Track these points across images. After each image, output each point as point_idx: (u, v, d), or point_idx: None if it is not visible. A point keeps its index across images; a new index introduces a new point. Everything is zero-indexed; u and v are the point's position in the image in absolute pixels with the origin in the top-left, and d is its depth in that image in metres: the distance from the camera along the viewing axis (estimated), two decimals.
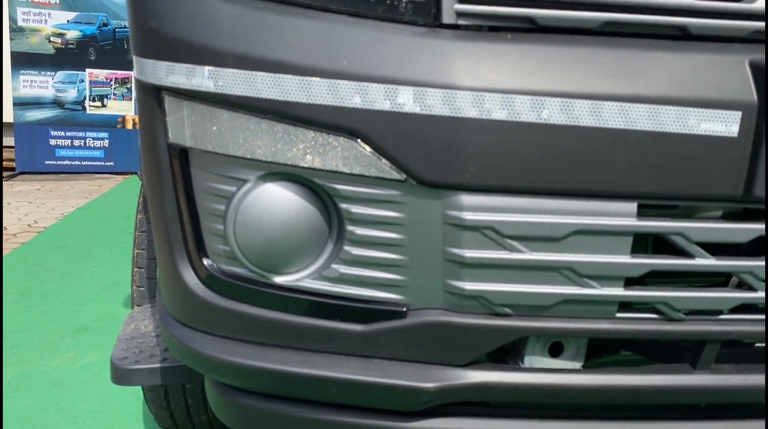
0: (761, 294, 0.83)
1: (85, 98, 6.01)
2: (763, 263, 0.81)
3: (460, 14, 0.78)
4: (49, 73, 6.00)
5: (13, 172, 5.88)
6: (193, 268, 0.89)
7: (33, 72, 5.98)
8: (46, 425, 1.76)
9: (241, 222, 0.83)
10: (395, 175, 0.77)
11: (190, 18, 0.80)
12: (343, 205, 0.81)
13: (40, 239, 3.75)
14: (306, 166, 0.79)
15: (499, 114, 0.75)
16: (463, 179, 0.76)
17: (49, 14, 5.94)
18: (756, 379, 0.89)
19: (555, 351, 0.88)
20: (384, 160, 0.77)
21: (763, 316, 0.86)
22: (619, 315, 0.83)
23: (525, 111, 0.75)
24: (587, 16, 0.77)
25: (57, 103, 5.94)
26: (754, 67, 0.76)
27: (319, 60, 0.76)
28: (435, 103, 0.75)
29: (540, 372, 0.86)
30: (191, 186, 0.87)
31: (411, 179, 0.77)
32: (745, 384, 0.88)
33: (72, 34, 5.96)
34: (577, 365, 0.89)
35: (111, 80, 6.05)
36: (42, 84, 6.00)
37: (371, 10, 0.79)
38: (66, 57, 5.95)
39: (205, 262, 0.88)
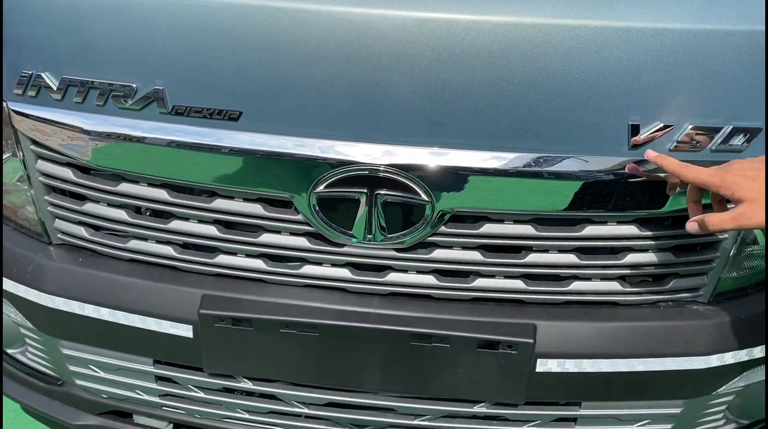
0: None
1: None
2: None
3: (61, 240, 1.38)
4: None
5: None
6: None
7: None
8: None
9: None
10: (32, 327, 1.43)
11: None
12: (23, 331, 1.49)
13: None
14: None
15: (64, 306, 1.35)
16: (56, 335, 1.41)
17: None
18: None
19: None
20: (26, 320, 1.43)
21: None
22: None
23: (75, 308, 1.34)
24: (122, 253, 1.34)
25: None
26: (202, 297, 1.30)
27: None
28: (32, 296, 1.37)
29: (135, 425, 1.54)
30: None
31: (39, 329, 1.43)
32: None
33: None
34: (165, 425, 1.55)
35: None
36: None
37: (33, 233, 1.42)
38: None
39: None
